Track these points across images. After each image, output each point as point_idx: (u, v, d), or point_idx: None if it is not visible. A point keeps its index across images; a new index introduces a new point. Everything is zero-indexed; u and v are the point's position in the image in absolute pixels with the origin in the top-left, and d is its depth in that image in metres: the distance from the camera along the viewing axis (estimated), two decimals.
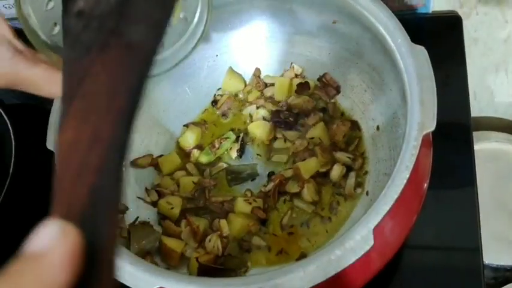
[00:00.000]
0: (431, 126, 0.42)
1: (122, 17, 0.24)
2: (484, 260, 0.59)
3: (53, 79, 0.31)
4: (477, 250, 0.58)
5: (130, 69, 0.24)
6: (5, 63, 0.29)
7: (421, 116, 0.43)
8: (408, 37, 0.47)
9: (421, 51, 0.45)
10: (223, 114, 0.66)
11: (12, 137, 0.72)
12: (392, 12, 0.71)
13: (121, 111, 0.24)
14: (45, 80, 0.31)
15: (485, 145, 0.88)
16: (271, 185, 0.59)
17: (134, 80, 0.24)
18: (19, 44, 0.30)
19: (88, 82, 0.24)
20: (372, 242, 0.40)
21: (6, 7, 0.73)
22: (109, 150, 0.23)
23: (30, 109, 0.82)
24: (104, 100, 0.24)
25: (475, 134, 0.86)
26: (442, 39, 0.72)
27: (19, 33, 0.32)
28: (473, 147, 0.64)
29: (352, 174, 0.58)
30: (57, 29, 0.31)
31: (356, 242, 0.40)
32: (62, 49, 0.27)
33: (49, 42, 0.32)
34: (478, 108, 0.91)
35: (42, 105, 0.81)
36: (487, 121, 0.93)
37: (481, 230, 0.59)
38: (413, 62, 0.45)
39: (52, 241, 0.20)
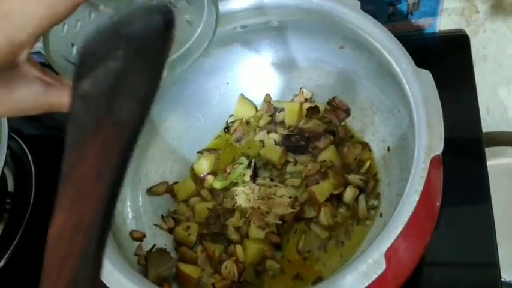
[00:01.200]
0: (438, 148, 0.43)
1: (113, 95, 0.26)
2: (502, 276, 0.58)
3: None
4: (494, 266, 0.57)
5: (115, 149, 0.26)
6: (39, 100, 0.31)
7: (429, 139, 0.43)
8: (413, 62, 0.47)
9: (426, 74, 0.46)
10: (238, 140, 0.67)
11: (33, 167, 0.74)
12: (400, 33, 0.73)
13: (101, 196, 0.25)
14: None
15: (500, 160, 0.87)
16: (290, 211, 0.59)
17: (118, 160, 0.26)
18: (48, 79, 0.32)
19: (79, 167, 0.26)
20: (384, 266, 0.40)
21: None
22: (89, 236, 0.25)
23: (49, 140, 0.84)
24: (89, 185, 0.25)
25: (490, 150, 0.86)
26: (450, 57, 0.72)
27: (44, 65, 0.33)
28: (486, 163, 0.64)
29: (362, 198, 0.58)
30: (75, 49, 0.33)
31: (368, 266, 0.41)
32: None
33: (71, 66, 0.33)
34: (492, 123, 0.91)
35: (61, 135, 0.84)
36: (502, 136, 0.93)
37: (498, 246, 0.59)
38: (418, 86, 0.46)
39: None
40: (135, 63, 0.27)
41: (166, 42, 0.28)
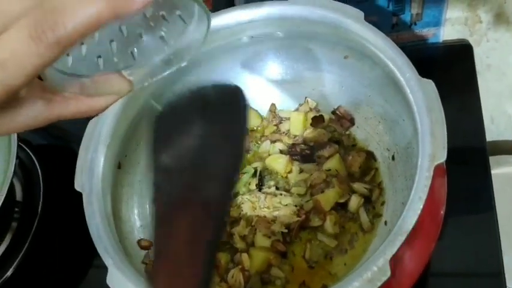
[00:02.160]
0: (442, 157, 0.43)
1: (197, 173, 0.27)
2: (507, 285, 0.58)
3: (85, 108, 0.33)
4: (500, 275, 0.57)
5: (205, 227, 0.27)
6: (43, 116, 0.32)
7: (432, 148, 0.44)
8: (416, 71, 0.48)
9: (429, 84, 0.47)
10: (246, 150, 0.68)
11: (41, 177, 0.75)
12: (404, 43, 0.74)
13: (198, 276, 0.27)
14: (79, 112, 0.33)
15: (504, 169, 0.87)
16: (295, 219, 0.60)
17: (209, 238, 0.27)
18: (49, 95, 0.32)
19: (171, 244, 0.27)
20: (388, 273, 0.40)
21: None
22: None
23: (57, 150, 0.85)
24: (184, 264, 0.27)
25: (494, 158, 0.86)
26: (454, 67, 0.73)
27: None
28: (490, 171, 0.64)
29: (362, 209, 0.59)
30: (70, 59, 0.32)
31: (373, 273, 0.41)
32: (81, 75, 0.30)
33: (68, 78, 0.33)
34: (496, 132, 0.91)
35: (69, 145, 0.85)
36: (506, 145, 0.93)
37: (503, 255, 0.59)
38: (422, 95, 0.46)
39: None
40: (218, 142, 0.28)
41: (245, 120, 0.29)
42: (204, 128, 0.28)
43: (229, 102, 0.30)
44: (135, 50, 0.33)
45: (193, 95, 0.30)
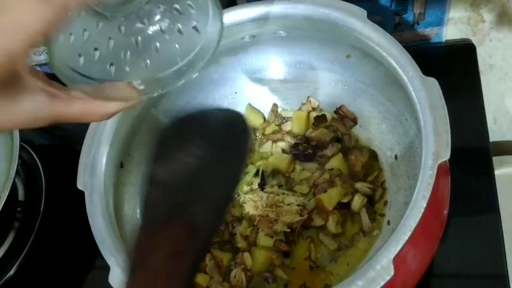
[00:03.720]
0: (446, 155, 0.43)
1: (189, 193, 0.27)
2: (511, 286, 0.58)
3: (90, 110, 0.33)
4: (503, 277, 0.57)
5: (187, 250, 0.27)
6: (45, 111, 0.31)
7: (436, 146, 0.44)
8: (419, 70, 0.48)
9: (433, 82, 0.47)
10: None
11: (43, 177, 0.75)
12: (406, 42, 0.74)
13: None
14: (83, 114, 0.33)
15: (508, 169, 0.87)
16: (298, 219, 0.59)
17: (189, 263, 0.27)
18: (53, 90, 0.32)
19: (151, 258, 0.27)
20: (392, 272, 0.40)
21: (36, 54, 0.77)
22: None
23: (60, 150, 0.85)
24: (161, 281, 0.27)
25: (497, 159, 0.85)
26: (456, 66, 0.73)
27: (51, 77, 0.33)
28: (493, 172, 0.64)
29: (364, 211, 0.58)
30: (82, 60, 0.32)
31: (377, 272, 0.41)
32: (91, 78, 0.30)
33: (78, 77, 0.33)
34: (498, 133, 0.91)
35: (71, 146, 0.85)
36: (509, 145, 0.92)
37: (507, 257, 0.58)
38: (425, 93, 0.46)
39: None
40: (215, 167, 0.28)
41: (245, 150, 0.29)
42: (204, 150, 0.28)
43: (232, 128, 0.30)
44: (148, 61, 0.33)
45: (199, 116, 0.30)
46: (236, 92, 0.68)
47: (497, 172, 0.65)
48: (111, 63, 0.32)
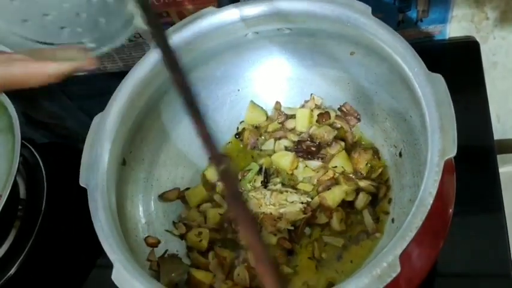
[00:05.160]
0: (452, 151, 0.43)
1: None
2: None
3: (32, 70, 0.32)
4: (508, 276, 0.57)
5: None
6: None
7: (442, 142, 0.43)
8: (425, 66, 0.48)
9: (438, 78, 0.46)
10: (254, 147, 0.67)
11: (44, 175, 0.75)
12: (410, 40, 0.73)
13: None
14: (25, 74, 0.32)
15: (511, 168, 0.87)
16: (301, 217, 0.59)
17: None
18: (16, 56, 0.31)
19: None
20: (398, 269, 0.40)
21: None
22: None
23: (61, 148, 0.85)
24: None
25: (501, 157, 0.85)
26: (460, 64, 0.72)
27: None
28: (498, 170, 0.64)
29: (366, 211, 0.58)
30: (27, 24, 0.31)
31: (383, 269, 0.40)
32: (41, 42, 0.30)
33: (20, 38, 0.32)
34: (502, 131, 0.90)
35: (72, 144, 0.84)
36: None
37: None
38: (431, 90, 0.46)
39: None
40: None
41: None
42: None
43: None
44: (103, 19, 0.33)
45: None
46: (239, 90, 0.68)
47: (501, 170, 0.65)
48: (62, 27, 0.32)
